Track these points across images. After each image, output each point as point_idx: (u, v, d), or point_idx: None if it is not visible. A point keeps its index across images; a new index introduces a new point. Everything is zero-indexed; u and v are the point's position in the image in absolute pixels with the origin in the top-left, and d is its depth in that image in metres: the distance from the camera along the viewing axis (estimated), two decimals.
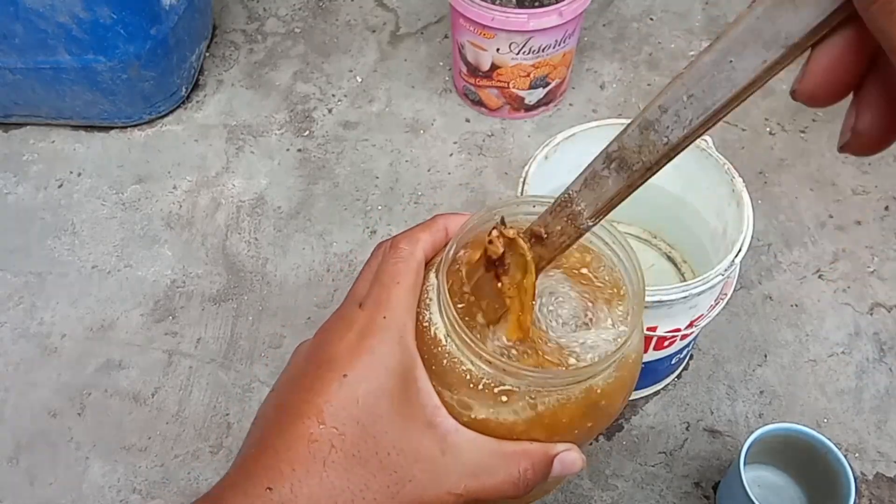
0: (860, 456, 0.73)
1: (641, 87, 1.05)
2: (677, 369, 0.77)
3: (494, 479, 0.32)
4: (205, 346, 0.82)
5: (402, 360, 0.31)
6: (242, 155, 0.99)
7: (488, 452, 0.32)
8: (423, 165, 0.97)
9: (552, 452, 0.32)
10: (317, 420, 0.30)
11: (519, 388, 0.31)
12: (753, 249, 0.87)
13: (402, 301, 0.32)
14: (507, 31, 0.90)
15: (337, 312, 0.34)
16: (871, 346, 0.80)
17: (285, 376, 0.34)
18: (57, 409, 0.78)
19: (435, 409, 0.32)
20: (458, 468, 0.31)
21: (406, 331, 0.32)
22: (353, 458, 0.30)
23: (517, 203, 0.35)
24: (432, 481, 0.31)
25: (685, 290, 0.60)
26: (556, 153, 0.68)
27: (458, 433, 0.32)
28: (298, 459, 0.29)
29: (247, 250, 0.90)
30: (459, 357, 0.31)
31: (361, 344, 0.31)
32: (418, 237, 0.35)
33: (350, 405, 0.30)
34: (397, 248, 0.34)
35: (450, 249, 0.33)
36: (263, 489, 0.29)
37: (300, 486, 0.29)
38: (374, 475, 0.30)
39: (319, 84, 1.07)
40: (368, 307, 0.32)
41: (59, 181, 0.97)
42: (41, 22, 0.88)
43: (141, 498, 0.72)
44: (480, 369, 0.31)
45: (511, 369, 0.30)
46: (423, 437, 0.31)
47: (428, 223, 0.36)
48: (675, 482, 0.72)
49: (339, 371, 0.31)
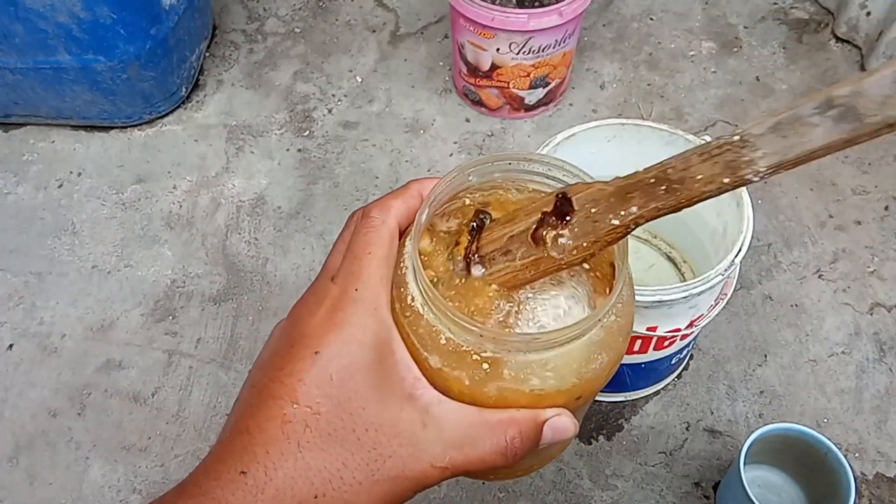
0: (860, 456, 0.73)
1: (641, 86, 1.05)
2: (677, 369, 0.77)
3: (480, 450, 0.30)
4: (205, 346, 0.82)
5: (377, 333, 0.30)
6: (242, 155, 0.99)
7: (473, 422, 0.31)
8: (423, 165, 0.97)
9: (541, 418, 0.31)
10: (289, 400, 0.29)
11: (501, 354, 0.30)
12: (753, 249, 0.87)
13: (374, 271, 0.31)
14: (507, 31, 0.90)
15: (310, 288, 0.33)
16: (871, 346, 0.80)
17: (260, 358, 0.33)
18: (57, 409, 0.78)
19: (415, 381, 0.31)
20: (441, 440, 0.30)
21: (380, 302, 0.31)
22: (329, 437, 0.29)
23: (490, 161, 0.34)
24: (414, 456, 0.30)
25: (685, 290, 0.60)
26: (556, 153, 0.68)
27: (440, 404, 0.31)
28: (272, 441, 0.29)
29: (247, 250, 0.90)
30: (437, 325, 0.30)
31: (333, 318, 0.30)
32: (390, 205, 0.33)
33: (323, 382, 0.29)
34: (368, 218, 0.33)
35: (422, 214, 0.32)
36: (237, 473, 0.28)
37: (274, 468, 0.28)
38: (353, 453, 0.29)
39: (319, 84, 1.07)
40: (340, 280, 0.31)
41: (59, 181, 0.97)
42: (41, 22, 0.88)
43: (141, 498, 0.72)
44: (460, 336, 0.30)
45: (490, 334, 0.29)
46: (403, 410, 0.30)
47: (401, 190, 0.34)
48: (675, 482, 0.72)
49: (311, 348, 0.30)
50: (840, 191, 0.93)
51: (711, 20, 1.13)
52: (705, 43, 1.10)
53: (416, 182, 0.34)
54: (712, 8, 1.15)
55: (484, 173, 0.34)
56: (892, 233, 0.89)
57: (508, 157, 0.33)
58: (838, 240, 0.88)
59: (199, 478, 0.29)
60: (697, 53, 1.09)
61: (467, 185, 0.34)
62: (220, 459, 0.29)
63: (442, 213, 0.34)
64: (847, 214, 0.91)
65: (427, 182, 0.34)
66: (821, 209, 0.91)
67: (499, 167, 0.34)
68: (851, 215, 0.91)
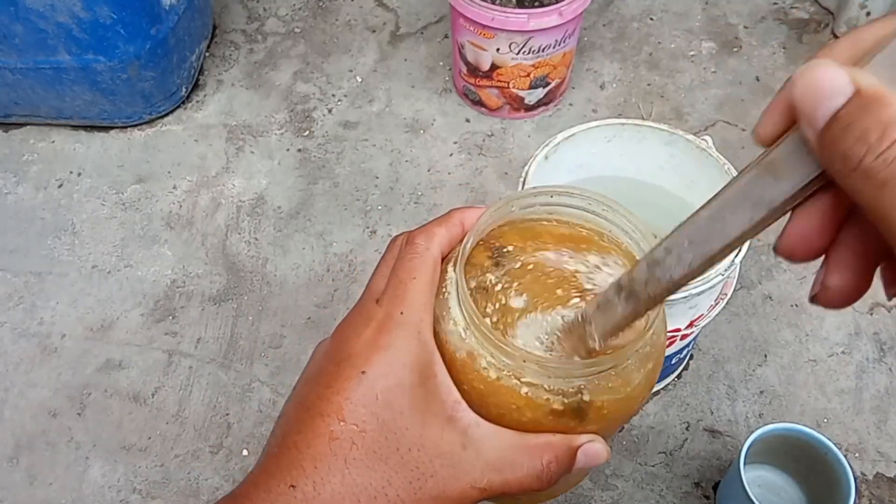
0: (860, 456, 0.73)
1: (641, 87, 1.05)
2: (677, 369, 0.77)
3: (518, 473, 0.31)
4: (205, 346, 0.82)
5: (420, 356, 0.31)
6: (242, 155, 0.99)
7: (510, 446, 0.32)
8: (423, 165, 0.97)
9: (575, 444, 0.32)
10: (337, 417, 0.30)
11: (540, 380, 0.31)
12: (753, 249, 0.87)
13: (418, 296, 0.32)
14: (507, 31, 0.90)
15: (355, 309, 0.34)
16: (871, 346, 0.80)
17: (305, 375, 0.34)
18: (57, 409, 0.78)
19: (455, 404, 0.32)
20: (480, 462, 0.31)
21: (423, 326, 0.32)
22: (374, 455, 0.30)
23: (534, 194, 0.35)
24: (454, 476, 0.31)
25: (685, 290, 0.60)
26: (556, 153, 0.68)
27: (479, 427, 0.32)
28: (320, 457, 0.30)
29: (247, 250, 0.90)
30: (479, 350, 0.32)
31: (379, 340, 0.31)
32: (434, 232, 0.34)
33: (369, 402, 0.30)
34: (413, 244, 0.34)
35: (466, 242, 0.33)
36: (287, 487, 0.29)
37: (322, 483, 0.29)
38: (396, 471, 0.30)
39: (319, 84, 1.07)
40: (385, 303, 0.32)
41: (59, 181, 0.97)
42: (41, 22, 0.88)
43: (141, 498, 0.72)
44: (501, 361, 0.31)
45: (531, 360, 0.31)
46: (444, 431, 0.31)
47: (444, 218, 0.36)
48: (675, 482, 0.72)
49: (357, 368, 0.31)
50: None
51: (711, 20, 1.13)
52: (705, 43, 1.10)
53: (459, 211, 0.36)
54: (712, 8, 1.15)
55: (526, 206, 0.36)
56: None
57: (550, 191, 0.35)
58: None
59: (249, 490, 0.30)
60: (697, 53, 1.09)
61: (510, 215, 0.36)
62: (269, 473, 0.30)
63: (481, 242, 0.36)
64: None
65: (469, 211, 0.36)
66: None
67: (541, 200, 0.36)
68: None
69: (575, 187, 0.35)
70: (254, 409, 0.77)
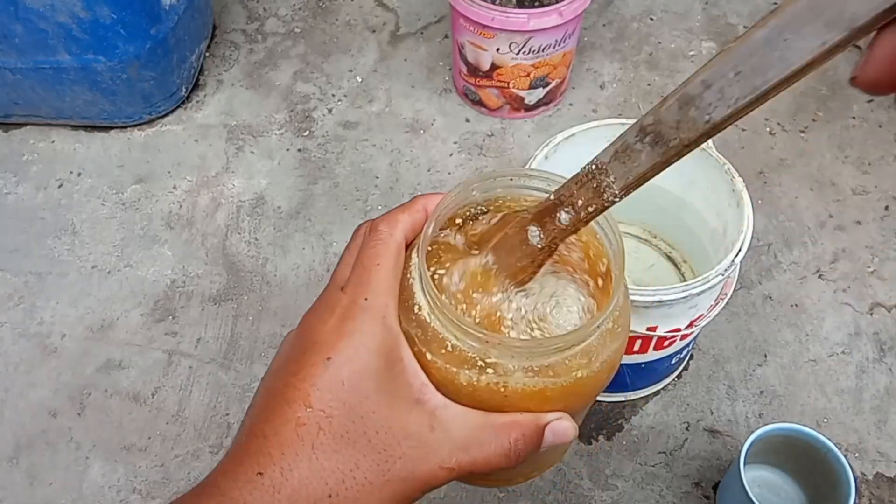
0: (860, 456, 0.73)
1: (641, 86, 1.05)
2: (677, 369, 0.77)
3: (485, 452, 0.32)
4: (205, 346, 0.82)
5: (386, 340, 0.32)
6: (242, 155, 0.99)
7: (478, 425, 0.32)
8: (423, 165, 0.97)
9: (542, 422, 0.33)
10: (303, 404, 0.30)
11: (505, 360, 0.31)
12: (753, 249, 0.87)
13: (382, 282, 0.33)
14: (507, 31, 0.90)
15: (320, 297, 0.35)
16: (871, 346, 0.80)
17: (273, 365, 0.34)
18: (57, 409, 0.78)
19: (422, 387, 0.32)
20: (448, 443, 0.32)
21: (388, 311, 0.32)
22: (342, 440, 0.30)
23: (493, 177, 0.35)
24: (422, 457, 0.31)
25: (685, 290, 0.60)
26: (556, 153, 0.68)
27: (446, 408, 0.32)
28: (287, 443, 0.30)
29: (247, 250, 0.90)
30: (444, 333, 0.32)
31: (344, 326, 0.32)
32: (397, 218, 0.35)
33: (336, 387, 0.31)
34: (377, 231, 0.34)
35: (428, 227, 0.33)
36: (254, 474, 0.29)
37: (290, 469, 0.29)
38: (364, 454, 0.30)
39: (319, 84, 1.07)
40: (350, 290, 0.33)
41: (59, 181, 0.97)
42: (41, 22, 0.88)
43: (141, 498, 0.72)
44: (466, 343, 0.31)
45: (495, 341, 0.31)
46: (411, 414, 0.31)
47: (407, 204, 0.36)
48: (675, 482, 0.72)
49: (323, 354, 0.31)
50: (840, 191, 0.93)
51: (711, 20, 1.13)
52: (705, 43, 1.10)
53: (422, 197, 0.36)
54: (712, 8, 1.15)
55: (487, 189, 0.35)
56: (892, 233, 0.89)
57: (510, 174, 0.35)
58: (838, 240, 0.88)
59: (218, 479, 0.30)
60: (697, 53, 1.09)
61: (471, 200, 0.36)
62: (237, 461, 0.30)
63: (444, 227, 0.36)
64: (847, 214, 0.91)
65: (432, 197, 0.36)
66: (821, 209, 0.91)
67: (501, 183, 0.35)
68: (851, 215, 0.91)
69: (535, 170, 0.35)
70: None
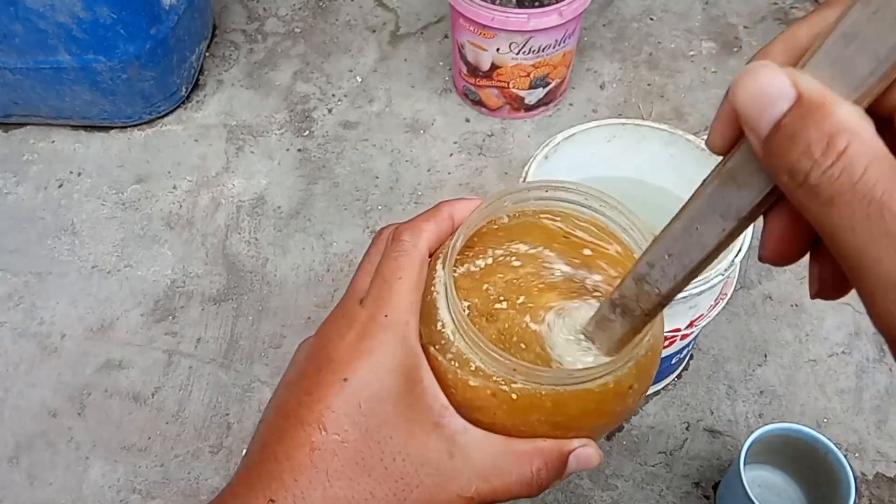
0: (860, 456, 0.73)
1: (641, 87, 1.05)
2: (677, 369, 0.77)
3: (507, 480, 0.30)
4: (205, 346, 0.82)
5: (405, 361, 0.30)
6: (242, 155, 0.99)
7: (499, 452, 0.30)
8: (423, 165, 0.97)
9: (567, 449, 0.31)
10: (318, 427, 0.29)
11: (530, 386, 0.30)
12: (753, 249, 0.87)
13: (404, 297, 0.31)
14: (507, 31, 0.90)
15: (337, 309, 0.33)
16: (871, 346, 0.80)
17: (287, 378, 0.33)
18: (57, 409, 0.78)
19: (442, 409, 0.30)
20: (467, 470, 0.30)
21: (409, 329, 0.31)
22: (357, 467, 0.29)
23: (528, 189, 0.34)
24: (440, 486, 0.30)
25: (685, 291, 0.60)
26: (556, 153, 0.68)
27: (466, 433, 0.30)
28: (300, 469, 0.29)
29: (247, 250, 0.90)
30: (468, 354, 0.30)
31: (362, 344, 0.30)
32: (422, 228, 0.33)
33: (352, 410, 0.29)
34: (399, 241, 0.32)
35: (457, 240, 0.31)
36: (266, 501, 0.28)
37: (303, 497, 0.28)
38: (380, 483, 0.29)
39: (319, 84, 1.07)
40: (369, 305, 0.31)
41: (59, 181, 0.97)
42: (41, 22, 0.88)
43: (141, 498, 0.72)
44: (490, 366, 0.30)
45: (522, 367, 0.29)
46: (430, 439, 0.30)
47: (432, 212, 0.34)
48: (675, 482, 0.72)
49: (339, 374, 0.30)
50: None
51: (711, 20, 1.13)
52: (705, 43, 1.10)
53: (447, 204, 0.34)
54: (712, 8, 1.15)
55: (520, 200, 0.34)
56: None
57: (545, 185, 0.34)
58: None
59: (228, 500, 0.29)
60: (697, 53, 1.09)
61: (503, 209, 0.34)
62: (248, 485, 0.29)
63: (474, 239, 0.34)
64: None
65: (458, 204, 0.34)
66: None
67: (535, 195, 0.34)
68: None
69: (570, 182, 0.34)
70: (254, 409, 0.77)
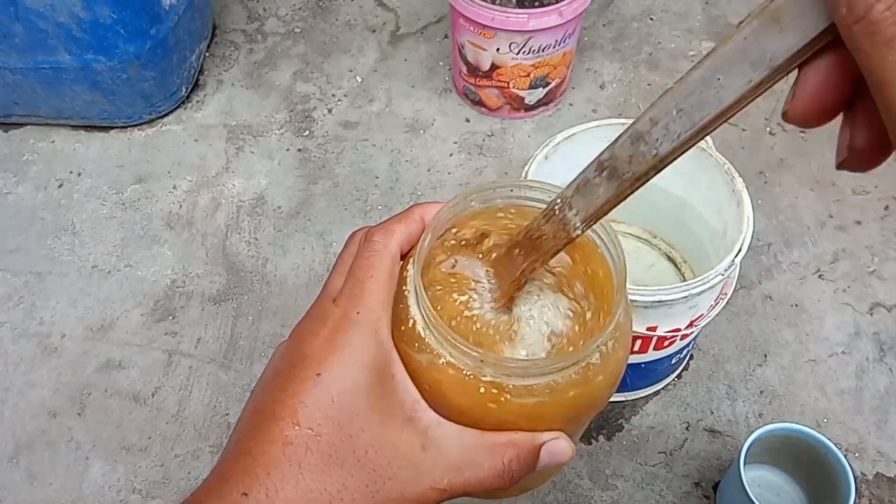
0: (860, 456, 0.73)
1: (641, 87, 1.05)
2: (677, 369, 0.77)
3: (479, 472, 0.31)
4: (205, 346, 0.82)
5: (378, 356, 0.31)
6: (242, 155, 0.99)
7: (471, 445, 0.31)
8: (423, 165, 0.97)
9: (538, 442, 0.31)
10: (291, 421, 0.29)
11: (500, 378, 0.30)
12: (753, 249, 0.87)
13: (375, 295, 0.32)
14: (507, 31, 0.90)
15: (312, 308, 0.34)
16: (871, 346, 0.80)
17: (262, 378, 0.33)
18: (57, 409, 0.78)
19: (414, 404, 0.31)
20: (440, 462, 0.31)
21: (381, 325, 0.31)
22: (330, 459, 0.29)
23: (492, 188, 0.34)
24: (413, 478, 0.30)
25: (685, 290, 0.60)
26: (556, 153, 0.68)
27: (439, 426, 0.31)
28: (273, 463, 0.29)
29: (247, 250, 0.90)
30: (438, 349, 0.31)
31: (335, 340, 0.31)
32: (392, 229, 0.34)
33: (325, 405, 0.30)
34: (371, 241, 0.33)
35: (425, 239, 0.32)
36: (239, 495, 0.29)
37: (276, 490, 0.29)
38: (352, 474, 0.29)
39: (319, 84, 1.07)
40: (342, 302, 0.32)
41: (59, 181, 0.97)
42: (41, 22, 0.88)
43: (141, 498, 0.72)
44: (461, 360, 0.30)
45: (490, 360, 0.30)
46: (402, 432, 0.30)
47: (403, 214, 0.35)
48: (675, 482, 0.72)
49: (312, 369, 0.30)
50: (840, 191, 0.93)
51: (711, 20, 1.13)
52: (705, 43, 1.10)
53: (419, 206, 0.35)
54: (712, 8, 1.15)
55: (486, 199, 0.34)
56: (892, 233, 0.89)
57: (510, 185, 0.34)
58: (838, 240, 0.88)
59: (202, 497, 0.29)
60: (697, 53, 1.09)
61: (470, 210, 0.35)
62: (223, 480, 0.30)
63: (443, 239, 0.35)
64: (847, 214, 0.91)
65: (429, 206, 0.35)
66: (821, 209, 0.91)
67: (500, 194, 0.34)
68: (851, 215, 0.91)
69: (534, 181, 0.34)
70: None
